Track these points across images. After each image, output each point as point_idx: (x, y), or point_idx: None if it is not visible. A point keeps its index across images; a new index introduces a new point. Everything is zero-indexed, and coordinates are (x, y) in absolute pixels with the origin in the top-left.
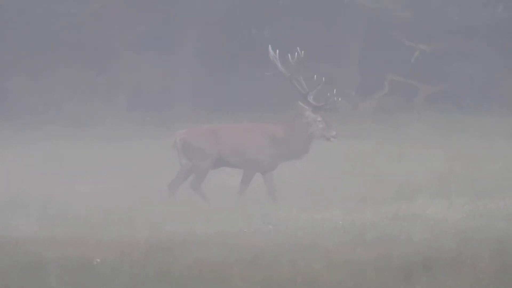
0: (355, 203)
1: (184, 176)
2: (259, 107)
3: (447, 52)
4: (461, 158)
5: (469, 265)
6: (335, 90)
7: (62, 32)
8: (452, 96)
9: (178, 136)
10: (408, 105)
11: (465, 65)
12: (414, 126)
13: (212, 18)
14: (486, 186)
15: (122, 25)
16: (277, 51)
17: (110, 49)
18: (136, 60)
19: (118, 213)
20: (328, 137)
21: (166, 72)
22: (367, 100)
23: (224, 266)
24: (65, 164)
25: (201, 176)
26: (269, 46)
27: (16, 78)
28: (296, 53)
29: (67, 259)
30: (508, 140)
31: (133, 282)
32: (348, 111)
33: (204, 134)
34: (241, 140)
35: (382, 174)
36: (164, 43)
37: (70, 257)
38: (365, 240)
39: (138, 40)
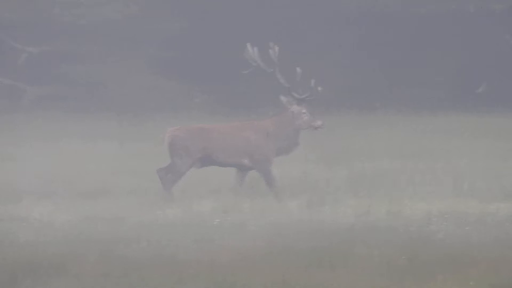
0: None
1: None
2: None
3: (56, 54)
4: (66, 160)
5: (74, 267)
6: (312, 82)
7: None
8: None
9: (167, 133)
10: (16, 107)
11: (73, 67)
12: (23, 128)
13: None
14: (89, 188)
15: None
16: (255, 48)
17: None
18: None
19: None
20: (315, 127)
21: None
22: None
23: None
24: None
25: (178, 176)
26: (248, 44)
27: None
28: (276, 48)
29: None
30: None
31: None
32: None
33: (193, 133)
34: (241, 140)
35: None
36: None
37: None
38: None
39: None
